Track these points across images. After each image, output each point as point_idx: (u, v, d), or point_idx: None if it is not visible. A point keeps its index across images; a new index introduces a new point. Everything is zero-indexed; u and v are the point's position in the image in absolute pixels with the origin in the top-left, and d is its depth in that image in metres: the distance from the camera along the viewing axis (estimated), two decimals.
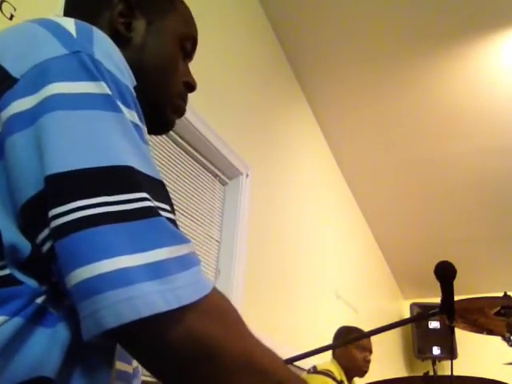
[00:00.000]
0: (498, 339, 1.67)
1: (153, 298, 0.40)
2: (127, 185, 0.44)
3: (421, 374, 1.57)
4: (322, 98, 3.60)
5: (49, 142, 0.44)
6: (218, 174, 2.33)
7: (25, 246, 0.45)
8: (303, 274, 3.10)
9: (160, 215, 0.45)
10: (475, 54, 3.13)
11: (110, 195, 0.43)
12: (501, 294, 1.71)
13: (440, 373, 5.27)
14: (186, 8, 0.77)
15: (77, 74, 0.47)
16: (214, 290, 0.46)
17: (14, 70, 0.48)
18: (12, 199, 0.45)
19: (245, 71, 2.67)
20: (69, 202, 0.42)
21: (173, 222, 0.47)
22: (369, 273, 4.93)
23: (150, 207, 0.44)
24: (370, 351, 2.71)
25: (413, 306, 5.90)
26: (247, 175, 2.44)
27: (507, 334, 1.61)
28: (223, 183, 2.39)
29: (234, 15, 2.62)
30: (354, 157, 4.19)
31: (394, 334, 5.56)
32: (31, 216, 0.45)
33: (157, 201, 0.46)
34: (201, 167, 2.21)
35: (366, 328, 1.79)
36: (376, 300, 5.15)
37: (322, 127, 3.87)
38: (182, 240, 0.45)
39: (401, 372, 5.53)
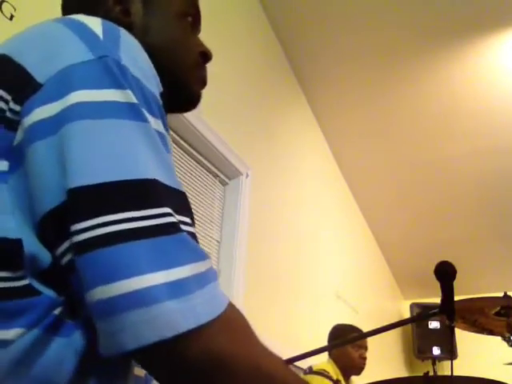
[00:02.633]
0: (498, 339, 1.67)
1: (174, 318, 0.40)
2: (151, 200, 0.43)
3: (421, 374, 1.57)
4: (322, 98, 3.60)
5: (72, 153, 0.43)
6: (218, 174, 2.33)
7: (45, 256, 0.44)
8: (303, 274, 3.10)
9: (182, 231, 0.44)
10: (475, 54, 3.13)
11: (133, 210, 0.42)
12: (501, 294, 1.71)
13: (440, 373, 5.26)
14: None
15: (102, 81, 0.46)
16: (229, 304, 0.46)
17: (39, 75, 0.47)
18: (32, 208, 0.44)
19: (244, 71, 2.67)
20: (91, 218, 0.41)
21: (193, 235, 0.47)
22: (369, 273, 4.93)
23: (172, 223, 0.44)
24: (366, 348, 2.72)
25: (413, 306, 5.90)
26: (247, 175, 2.43)
27: (507, 334, 1.60)
28: (223, 183, 2.39)
29: (234, 15, 2.62)
30: (353, 157, 4.19)
31: (394, 334, 5.56)
32: (51, 228, 0.44)
33: (179, 214, 0.46)
34: (201, 167, 2.21)
35: (366, 328, 1.78)
36: (376, 300, 5.15)
37: (321, 127, 3.87)
38: (202, 257, 0.45)
39: (401, 372, 5.53)
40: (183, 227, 0.45)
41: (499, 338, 1.66)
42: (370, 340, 2.70)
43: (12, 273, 0.43)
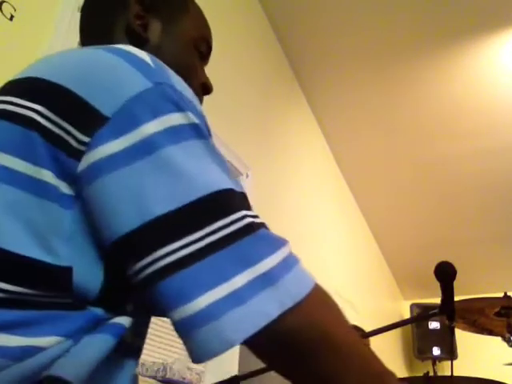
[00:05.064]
0: (498, 339, 1.67)
1: (266, 309, 0.43)
2: (231, 206, 0.46)
3: (421, 374, 1.57)
4: (322, 98, 3.60)
5: (149, 181, 0.45)
6: None
7: (95, 285, 0.46)
8: None
9: (260, 226, 0.47)
10: (475, 54, 3.13)
11: (218, 221, 0.45)
12: (501, 294, 1.71)
13: (440, 373, 5.26)
14: (199, 9, 0.78)
15: (164, 108, 0.48)
16: (316, 282, 0.50)
17: (103, 107, 0.47)
18: (96, 235, 0.46)
19: (244, 71, 2.67)
20: (173, 242, 0.43)
21: (265, 225, 0.49)
22: (369, 273, 4.93)
23: (251, 222, 0.46)
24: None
25: (413, 306, 5.89)
26: (247, 175, 2.43)
27: (507, 335, 1.61)
28: None
29: (234, 15, 2.62)
30: (353, 157, 4.19)
31: (394, 334, 5.55)
32: (126, 251, 0.45)
33: (250, 211, 0.49)
34: None
35: (367, 328, 1.78)
36: (376, 300, 5.15)
37: (321, 127, 3.87)
38: (282, 243, 0.47)
39: (401, 372, 5.53)
40: (255, 220, 0.48)
41: (499, 338, 1.66)
42: (370, 340, 2.69)
43: (58, 294, 0.45)
